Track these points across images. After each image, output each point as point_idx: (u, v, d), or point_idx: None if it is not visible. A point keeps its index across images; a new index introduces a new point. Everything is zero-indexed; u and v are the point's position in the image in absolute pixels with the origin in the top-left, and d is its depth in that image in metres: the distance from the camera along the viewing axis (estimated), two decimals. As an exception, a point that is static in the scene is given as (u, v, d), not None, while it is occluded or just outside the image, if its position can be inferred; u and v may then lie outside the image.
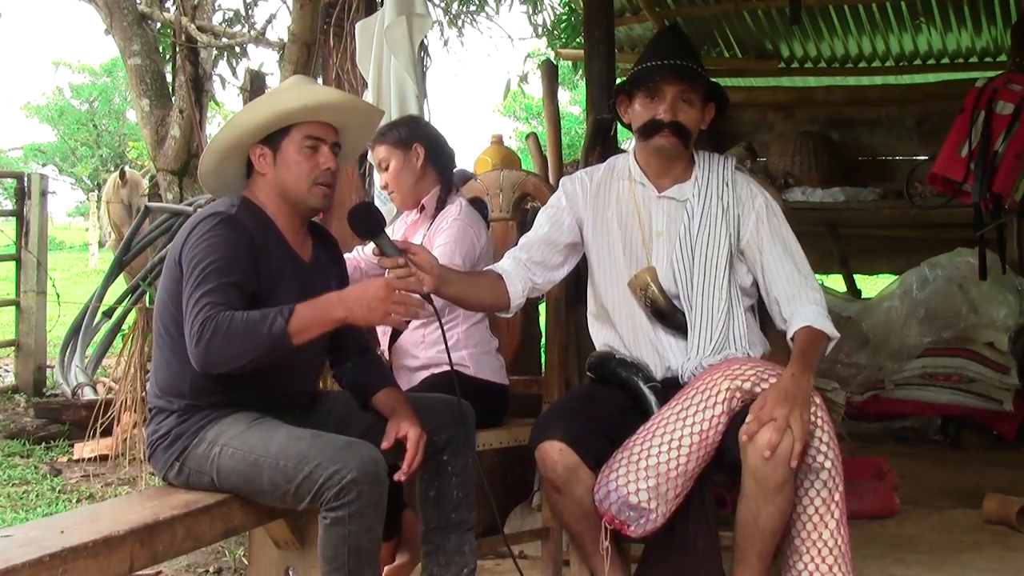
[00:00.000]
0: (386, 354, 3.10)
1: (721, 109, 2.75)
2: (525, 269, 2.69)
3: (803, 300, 2.60)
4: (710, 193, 2.69)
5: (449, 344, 3.00)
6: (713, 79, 2.71)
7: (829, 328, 2.57)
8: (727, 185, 2.70)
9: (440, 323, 2.54)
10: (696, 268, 2.64)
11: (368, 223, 2.40)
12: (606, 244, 2.74)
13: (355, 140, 2.58)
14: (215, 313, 2.21)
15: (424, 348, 3.07)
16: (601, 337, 2.78)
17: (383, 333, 3.10)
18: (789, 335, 2.59)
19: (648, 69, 2.65)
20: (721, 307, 2.62)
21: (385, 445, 2.36)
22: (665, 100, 2.63)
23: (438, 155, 3.17)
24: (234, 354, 2.21)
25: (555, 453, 2.45)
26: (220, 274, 2.26)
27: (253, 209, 2.42)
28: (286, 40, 4.80)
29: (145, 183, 8.46)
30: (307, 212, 2.47)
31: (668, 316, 2.65)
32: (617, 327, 2.72)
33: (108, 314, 6.51)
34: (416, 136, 3.16)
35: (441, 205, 3.12)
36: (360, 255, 3.26)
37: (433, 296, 2.46)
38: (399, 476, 2.37)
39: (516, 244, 2.81)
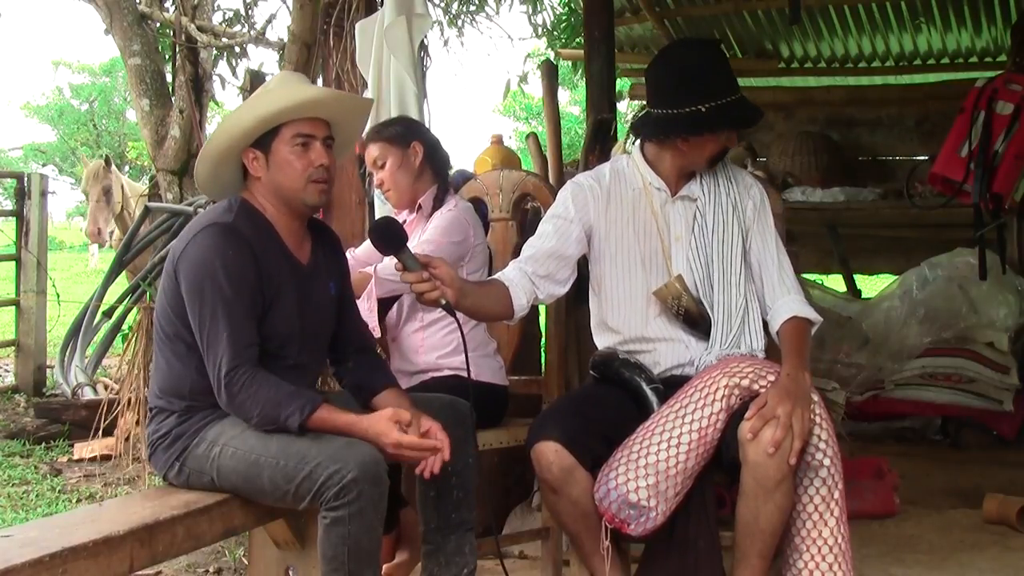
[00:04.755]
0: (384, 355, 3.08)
1: None
2: (530, 282, 2.66)
3: (784, 288, 2.67)
4: (719, 191, 2.71)
5: (449, 349, 3.02)
6: None
7: (812, 314, 2.63)
8: (731, 180, 2.74)
9: (461, 331, 2.53)
10: (714, 267, 2.66)
11: (391, 238, 2.36)
12: (622, 254, 2.71)
13: (348, 131, 2.54)
14: (246, 365, 2.26)
15: (423, 353, 3.06)
16: (605, 342, 2.75)
17: (373, 327, 3.05)
18: (774, 328, 2.63)
19: (742, 107, 2.63)
20: (739, 303, 2.65)
21: (419, 443, 2.33)
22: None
23: (436, 155, 3.16)
24: (243, 414, 2.30)
25: (551, 454, 2.44)
26: (232, 307, 2.26)
27: (252, 212, 2.39)
28: (286, 40, 4.80)
29: (136, 183, 8.27)
30: (305, 211, 2.44)
31: (699, 322, 2.65)
32: (626, 334, 2.70)
33: (108, 314, 6.50)
34: (414, 134, 3.15)
35: (438, 204, 3.12)
36: (353, 259, 3.23)
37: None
38: (428, 473, 2.36)
39: (516, 244, 2.80)
